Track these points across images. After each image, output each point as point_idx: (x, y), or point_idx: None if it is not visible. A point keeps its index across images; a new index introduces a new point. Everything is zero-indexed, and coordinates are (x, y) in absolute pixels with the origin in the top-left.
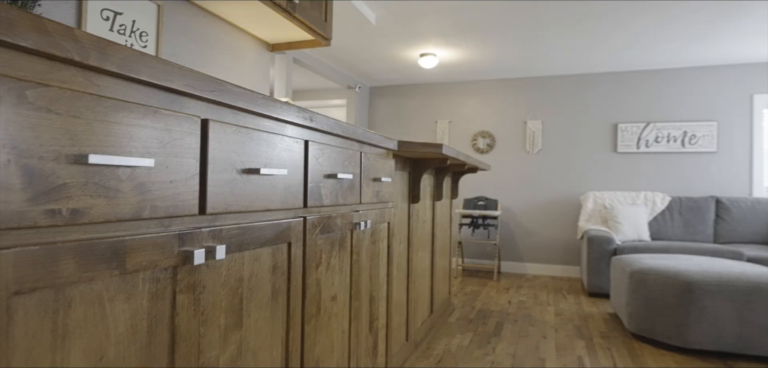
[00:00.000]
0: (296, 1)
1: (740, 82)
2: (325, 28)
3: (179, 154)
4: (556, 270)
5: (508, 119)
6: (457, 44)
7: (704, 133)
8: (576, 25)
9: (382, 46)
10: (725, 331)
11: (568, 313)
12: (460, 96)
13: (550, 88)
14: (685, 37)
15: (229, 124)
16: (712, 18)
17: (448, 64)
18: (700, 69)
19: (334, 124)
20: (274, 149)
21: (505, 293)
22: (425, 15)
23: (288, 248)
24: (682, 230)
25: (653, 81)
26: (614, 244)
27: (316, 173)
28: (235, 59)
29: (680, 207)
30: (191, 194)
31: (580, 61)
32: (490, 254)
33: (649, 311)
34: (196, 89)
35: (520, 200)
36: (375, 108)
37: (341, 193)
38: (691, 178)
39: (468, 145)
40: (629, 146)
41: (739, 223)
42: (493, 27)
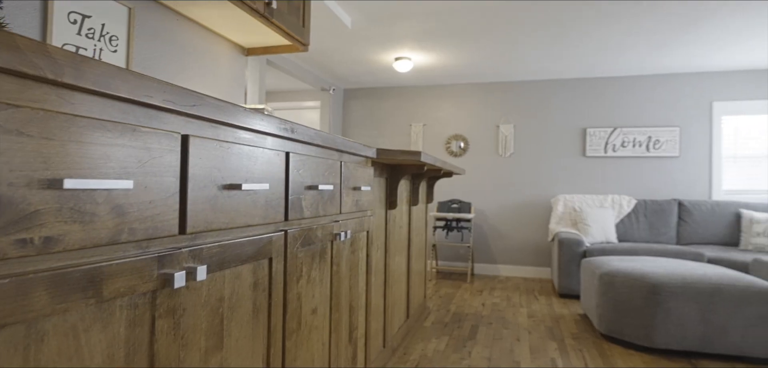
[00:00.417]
0: (274, 7)
1: (700, 90)
2: (302, 33)
3: (159, 173)
4: (527, 272)
5: (481, 122)
6: (432, 49)
7: (667, 138)
8: (547, 33)
9: (357, 50)
10: (689, 331)
11: (540, 315)
12: (434, 99)
13: (521, 92)
14: (649, 46)
15: (210, 139)
16: (675, 29)
17: (422, 67)
18: (664, 76)
19: (314, 134)
20: (255, 162)
21: (479, 295)
22: (401, 19)
23: (269, 264)
24: (647, 232)
25: (619, 88)
26: (584, 246)
27: (297, 185)
28: (209, 64)
29: (645, 210)
30: (171, 214)
31: (551, 67)
32: (463, 256)
33: (617, 312)
34: (176, 104)
35: (493, 203)
36: (349, 110)
37: (322, 204)
38: (656, 181)
39: (442, 148)
40: (597, 151)
41: (700, 225)
42: (467, 33)
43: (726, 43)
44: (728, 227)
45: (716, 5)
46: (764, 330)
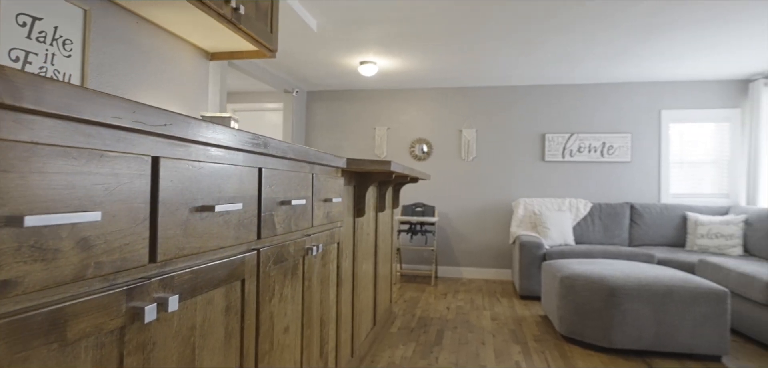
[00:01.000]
0: (241, 12)
1: (650, 99)
2: (270, 40)
3: (128, 200)
4: (489, 274)
5: (445, 127)
6: (397, 53)
7: (620, 144)
8: (510, 42)
9: (322, 53)
10: (644, 331)
11: (503, 317)
12: (398, 103)
13: (484, 98)
14: (604, 56)
15: (182, 159)
16: (628, 41)
17: (387, 71)
18: (617, 85)
19: (287, 148)
20: (228, 181)
21: (443, 298)
22: (366, 24)
23: (241, 286)
24: (602, 234)
25: (576, 95)
26: (544, 249)
27: (270, 201)
28: (171, 68)
29: (600, 213)
30: (141, 243)
31: (512, 74)
32: (427, 259)
33: (578, 315)
34: (146, 125)
35: (456, 206)
36: (312, 113)
37: (294, 219)
38: (609, 185)
39: (406, 152)
40: (555, 155)
41: (650, 227)
42: (432, 39)
43: (673, 55)
44: (675, 229)
45: (665, 22)
46: (711, 329)
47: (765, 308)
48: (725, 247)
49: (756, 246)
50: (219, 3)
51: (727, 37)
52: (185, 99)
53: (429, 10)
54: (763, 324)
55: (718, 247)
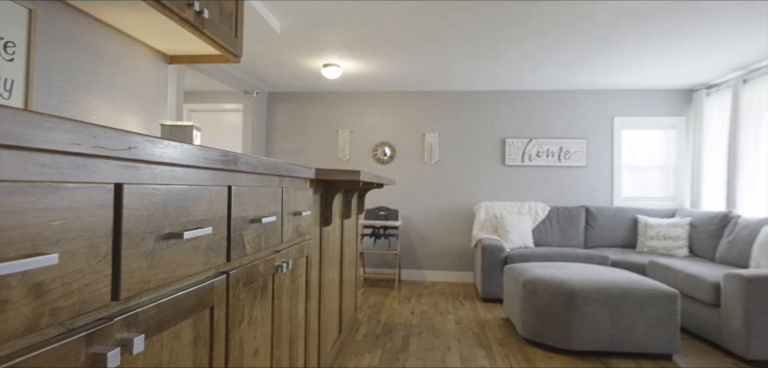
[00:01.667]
0: (205, 16)
1: (604, 106)
2: (235, 44)
3: (88, 235)
4: (451, 276)
5: (408, 130)
6: (361, 57)
7: (576, 149)
8: (472, 48)
9: (285, 54)
10: (601, 333)
11: (467, 321)
12: (362, 106)
13: (446, 102)
14: (562, 65)
15: (147, 184)
16: (585, 52)
17: (351, 74)
18: (573, 92)
19: (257, 162)
20: (197, 203)
21: (408, 303)
22: (331, 27)
23: (210, 314)
24: (560, 237)
25: (535, 101)
26: (505, 252)
27: (240, 220)
28: (126, 72)
29: (558, 216)
30: (102, 281)
31: (474, 79)
32: (390, 263)
33: (540, 318)
34: (108, 149)
35: (419, 210)
36: (273, 114)
37: (264, 236)
38: (566, 189)
39: (369, 155)
40: (515, 160)
41: (604, 229)
42: (397, 43)
43: (625, 66)
44: (627, 231)
45: (618, 36)
46: (663, 329)
47: (711, 307)
48: (672, 248)
49: (700, 247)
50: (180, 6)
51: (674, 51)
52: (142, 105)
53: (394, 15)
54: (709, 323)
55: (665, 248)
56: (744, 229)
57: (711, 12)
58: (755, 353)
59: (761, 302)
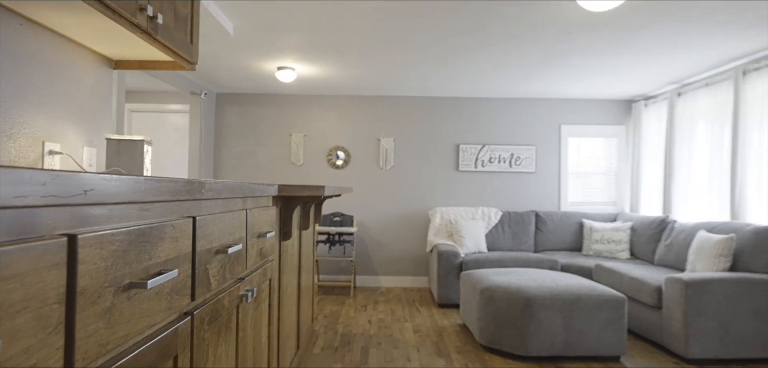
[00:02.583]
0: (159, 22)
1: (552, 114)
2: (190, 51)
3: (36, 304)
4: (406, 281)
5: (363, 135)
6: (317, 60)
7: (526, 155)
8: (429, 55)
9: (237, 56)
10: (555, 338)
11: (424, 329)
12: (316, 109)
13: (401, 107)
14: (514, 74)
15: (106, 230)
16: (536, 62)
17: (305, 77)
18: (524, 101)
19: (222, 187)
20: (160, 242)
21: (364, 311)
22: (286, 31)
23: (174, 363)
24: (511, 241)
25: (488, 108)
26: (460, 258)
27: (205, 253)
28: (65, 79)
29: (510, 221)
30: (54, 355)
31: (430, 85)
32: (345, 269)
33: (497, 325)
34: (61, 197)
35: (374, 216)
36: (223, 116)
37: (229, 266)
38: (517, 194)
39: (323, 159)
40: (469, 165)
41: (553, 233)
42: (354, 48)
43: (573, 76)
44: (574, 235)
45: (566, 49)
46: (612, 332)
47: (654, 310)
48: (615, 251)
49: (640, 250)
50: (131, 9)
51: (617, 65)
52: (83, 116)
53: (352, 21)
54: (652, 325)
55: (609, 251)
56: (680, 233)
57: (651, 31)
58: (693, 352)
59: (698, 304)
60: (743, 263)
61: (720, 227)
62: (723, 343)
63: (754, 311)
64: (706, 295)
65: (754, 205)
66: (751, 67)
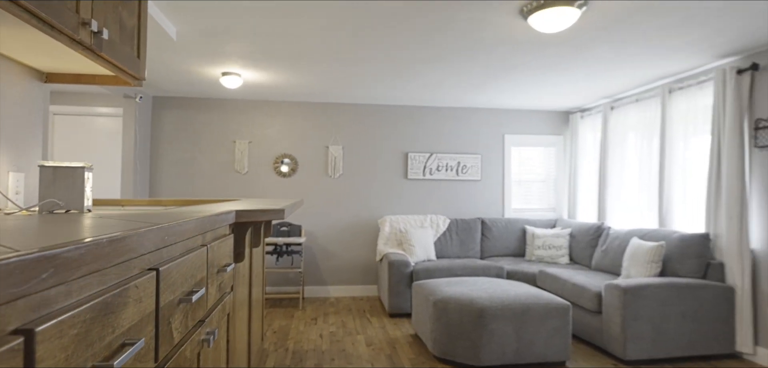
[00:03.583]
0: (104, 37)
1: (496, 124)
2: (137, 67)
3: None
4: (356, 291)
5: (311, 142)
6: (265, 67)
7: (472, 164)
8: (379, 67)
9: (179, 61)
10: (507, 347)
11: (377, 341)
12: (261, 116)
13: (350, 115)
14: (462, 86)
15: (66, 314)
16: (484, 76)
17: (251, 83)
18: (470, 110)
19: (184, 229)
20: (123, 309)
21: (314, 324)
22: (234, 38)
23: None
24: (459, 248)
25: (436, 117)
26: (411, 267)
27: (168, 307)
28: None
29: (457, 228)
30: None
31: (379, 93)
32: (293, 280)
33: (450, 336)
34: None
35: (323, 224)
36: (160, 121)
37: (191, 313)
38: (464, 202)
39: (269, 167)
40: (417, 173)
41: (498, 240)
42: (303, 57)
43: (516, 88)
44: (517, 241)
45: (512, 65)
46: (559, 339)
47: (595, 314)
48: (556, 256)
49: (579, 255)
50: (72, 25)
51: (557, 80)
52: (7, 136)
53: (302, 31)
54: (594, 329)
55: (550, 257)
56: (615, 240)
57: (590, 51)
58: (631, 354)
59: (634, 309)
60: (671, 268)
61: (651, 234)
62: (656, 344)
63: (681, 313)
64: (641, 300)
65: (679, 213)
66: (676, 87)
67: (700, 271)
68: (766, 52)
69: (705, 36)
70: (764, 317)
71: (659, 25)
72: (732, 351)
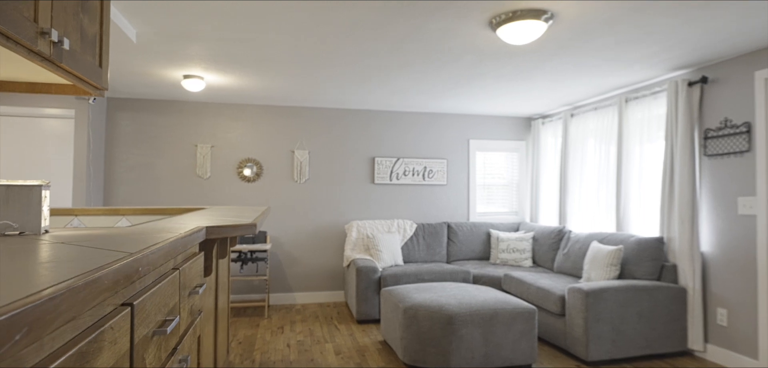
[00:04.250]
0: (65, 47)
1: (462, 129)
2: (99, 77)
3: None
4: (322, 297)
5: (277, 147)
6: (229, 71)
7: (438, 168)
8: (347, 72)
9: (139, 63)
10: (476, 352)
11: (346, 349)
12: (225, 119)
13: (317, 119)
14: (429, 92)
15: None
16: (449, 84)
17: (215, 87)
18: (437, 115)
19: (157, 256)
20: (99, 356)
21: (281, 333)
22: (197, 41)
23: None
24: (426, 253)
25: (402, 122)
26: (378, 273)
27: (142, 342)
28: None
29: (424, 232)
30: None
31: (346, 98)
32: (258, 288)
33: (421, 343)
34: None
35: (289, 230)
36: (115, 124)
37: (165, 343)
38: (430, 206)
39: (233, 172)
40: (384, 178)
41: (463, 244)
42: (266, 62)
43: (481, 95)
44: (482, 245)
45: (478, 73)
46: (525, 342)
47: (558, 317)
48: (520, 260)
49: (541, 258)
50: (31, 35)
51: (520, 88)
52: None
53: (268, 37)
54: (558, 331)
55: (514, 260)
56: (576, 243)
57: (554, 62)
58: (593, 355)
59: (596, 311)
60: (629, 271)
61: (609, 238)
62: (615, 345)
63: (638, 314)
64: (602, 303)
65: (635, 217)
66: (632, 96)
67: (655, 273)
68: (714, 67)
69: (659, 50)
70: (713, 316)
71: (617, 40)
72: (684, 348)
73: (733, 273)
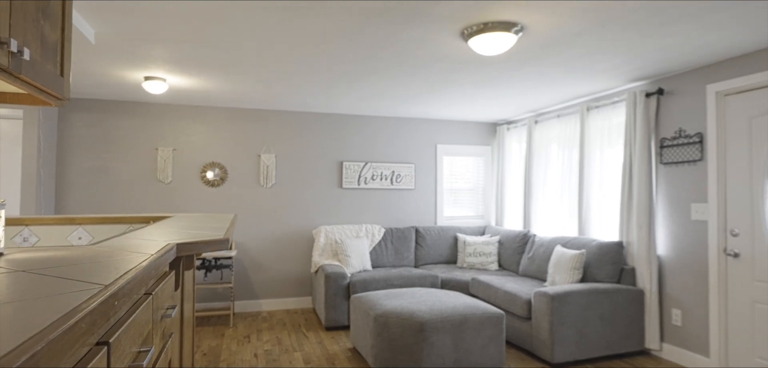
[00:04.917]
0: (25, 58)
1: (429, 134)
2: (61, 86)
3: None
4: (289, 303)
5: (242, 151)
6: (192, 73)
7: (406, 173)
8: (317, 77)
9: (97, 64)
10: (446, 358)
11: (315, 358)
12: (186, 122)
13: (284, 122)
14: (398, 98)
15: None
16: (419, 90)
17: (178, 89)
18: (404, 120)
19: (133, 285)
20: None
21: (248, 343)
22: (160, 42)
23: None
24: (394, 257)
25: (370, 126)
26: (347, 279)
27: None
28: None
29: (392, 237)
30: None
31: (313, 101)
32: (223, 295)
33: (392, 351)
34: None
35: (255, 236)
36: (68, 126)
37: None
38: (398, 211)
39: (196, 176)
40: (352, 183)
41: (431, 248)
42: (232, 65)
43: (448, 99)
44: (449, 249)
45: (449, 79)
46: (494, 347)
47: (525, 320)
48: (486, 263)
49: (507, 262)
50: None
51: (487, 95)
52: None
53: (234, 40)
54: (524, 334)
55: (481, 263)
56: (540, 247)
57: (520, 71)
58: (558, 357)
59: (561, 314)
60: (591, 274)
61: (572, 242)
62: (578, 347)
63: (600, 316)
64: (566, 306)
65: (596, 221)
66: (593, 105)
67: (615, 276)
68: (670, 79)
69: (620, 63)
70: (668, 316)
71: (581, 53)
72: (642, 348)
73: (686, 276)
